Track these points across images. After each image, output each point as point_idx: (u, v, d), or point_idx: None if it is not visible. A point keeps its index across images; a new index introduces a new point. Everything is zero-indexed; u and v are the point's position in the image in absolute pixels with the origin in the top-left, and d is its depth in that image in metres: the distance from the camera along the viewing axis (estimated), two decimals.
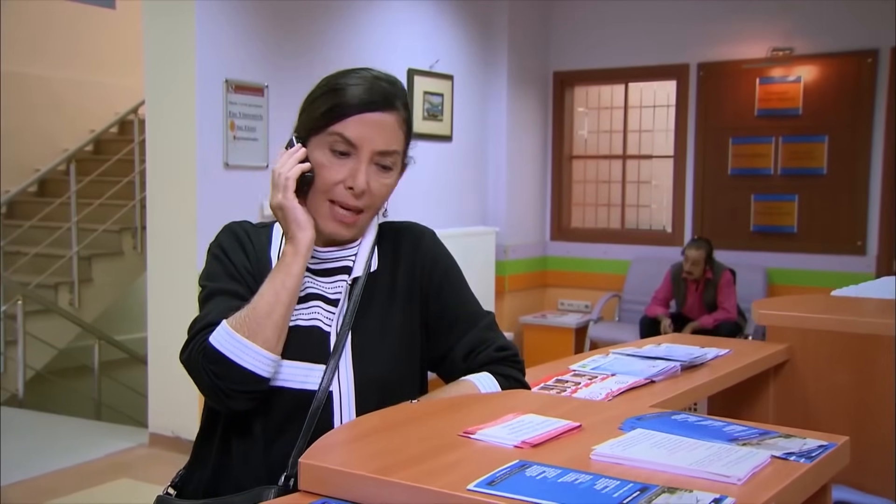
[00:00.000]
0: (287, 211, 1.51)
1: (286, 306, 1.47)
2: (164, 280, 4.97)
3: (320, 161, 1.52)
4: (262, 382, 1.44)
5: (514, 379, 1.60)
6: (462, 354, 1.59)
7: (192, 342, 1.48)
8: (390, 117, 1.53)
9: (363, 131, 1.50)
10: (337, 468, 1.16)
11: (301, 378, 1.49)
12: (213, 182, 4.87)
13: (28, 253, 6.63)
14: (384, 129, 1.52)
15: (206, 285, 1.55)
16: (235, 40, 4.98)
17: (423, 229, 1.69)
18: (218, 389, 1.44)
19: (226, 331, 1.44)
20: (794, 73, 6.59)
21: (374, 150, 1.51)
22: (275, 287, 1.47)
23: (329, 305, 1.56)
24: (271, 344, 1.44)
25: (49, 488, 4.38)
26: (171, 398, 4.94)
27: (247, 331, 1.43)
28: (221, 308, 1.49)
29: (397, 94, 1.56)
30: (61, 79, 7.70)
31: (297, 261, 1.49)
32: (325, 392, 1.48)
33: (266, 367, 1.44)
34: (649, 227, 7.65)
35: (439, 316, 1.61)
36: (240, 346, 1.42)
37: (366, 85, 1.53)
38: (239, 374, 1.42)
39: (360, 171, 1.50)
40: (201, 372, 1.44)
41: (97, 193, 6.87)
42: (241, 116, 4.98)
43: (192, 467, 1.60)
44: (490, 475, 1.11)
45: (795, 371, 2.47)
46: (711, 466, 1.15)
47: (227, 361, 1.42)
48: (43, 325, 6.26)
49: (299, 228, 1.50)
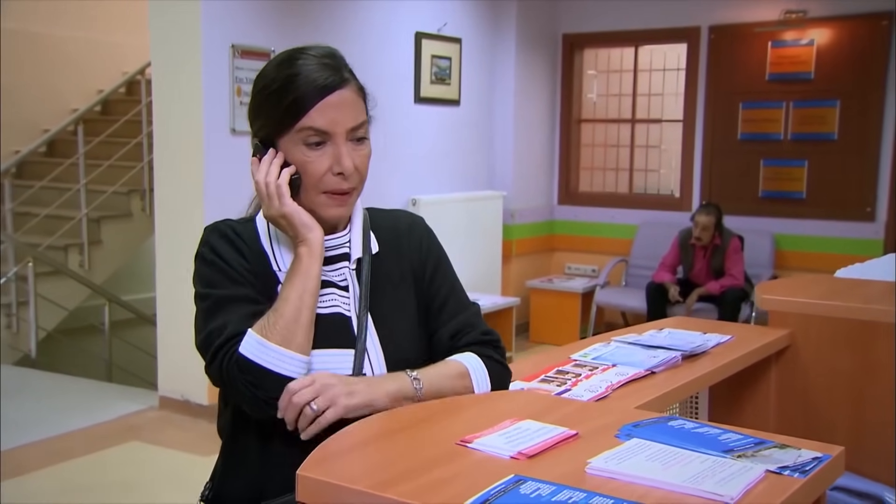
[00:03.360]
0: (291, 216, 1.51)
1: (311, 308, 1.48)
2: (172, 242, 5.01)
3: (300, 159, 1.51)
4: None
5: (496, 361, 1.62)
6: (449, 334, 1.62)
7: (219, 355, 1.46)
8: (347, 91, 1.52)
9: (330, 116, 1.49)
10: (334, 482, 1.18)
11: (333, 365, 1.51)
12: (220, 147, 4.87)
13: (38, 214, 6.66)
14: (347, 105, 1.51)
15: (211, 294, 1.52)
16: (241, 5, 4.94)
17: (417, 217, 1.74)
18: (258, 400, 1.44)
19: (256, 340, 1.44)
20: (807, 37, 6.50)
21: (346, 129, 1.51)
22: (297, 290, 1.47)
23: (342, 291, 1.58)
24: (304, 347, 1.46)
25: (61, 450, 4.46)
26: (180, 361, 4.99)
27: (279, 338, 1.43)
28: (239, 316, 1.48)
29: (342, 66, 1.54)
30: (69, 37, 7.66)
31: (313, 262, 1.50)
32: (359, 375, 1.51)
33: (301, 371, 1.45)
34: (657, 192, 7.62)
35: (431, 301, 1.65)
36: (274, 353, 1.43)
37: (313, 70, 1.50)
38: (277, 382, 1.43)
39: (343, 154, 1.50)
40: (238, 385, 1.44)
41: (106, 154, 6.87)
42: (247, 82, 4.96)
43: (224, 477, 1.60)
44: (484, 493, 1.13)
45: (797, 356, 2.47)
46: (705, 484, 1.17)
47: (263, 371, 1.42)
48: (53, 286, 6.31)
49: (309, 230, 1.51)
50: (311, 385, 1.41)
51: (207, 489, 1.62)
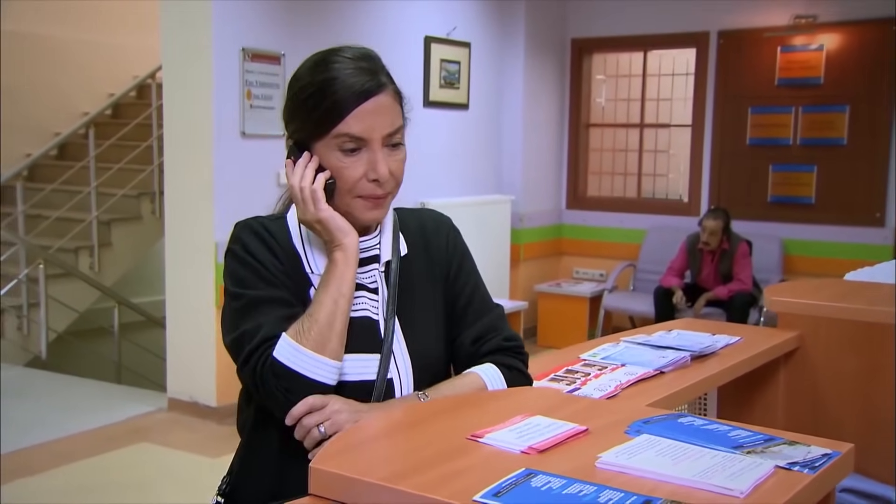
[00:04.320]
0: (327, 221, 1.50)
1: (345, 314, 1.47)
2: (182, 245, 5.02)
3: (335, 164, 1.51)
4: (329, 391, 1.46)
5: (517, 370, 1.62)
6: (471, 339, 1.62)
7: (253, 357, 1.46)
8: (384, 97, 1.50)
9: (367, 122, 1.48)
10: (347, 475, 1.19)
11: (360, 370, 1.51)
12: (230, 150, 4.89)
13: (49, 216, 6.70)
14: (384, 111, 1.50)
15: (244, 294, 1.50)
16: (252, 9, 4.97)
17: (443, 216, 1.74)
18: (292, 404, 1.44)
19: (291, 345, 1.44)
20: (817, 42, 6.50)
21: (382, 136, 1.50)
22: (332, 296, 1.47)
23: (372, 294, 1.57)
24: (338, 353, 1.46)
25: (70, 451, 4.47)
26: (189, 363, 5.00)
27: (313, 343, 1.44)
28: (273, 319, 1.48)
29: (379, 69, 1.52)
30: (80, 40, 7.70)
31: (349, 267, 1.49)
32: (384, 380, 1.51)
33: (334, 377, 1.46)
34: (665, 197, 7.62)
35: (455, 300, 1.64)
36: (309, 360, 1.43)
37: (349, 74, 1.48)
38: (311, 388, 1.44)
39: (378, 160, 1.49)
40: (273, 390, 1.44)
41: (116, 158, 6.90)
42: (257, 85, 4.99)
43: (242, 476, 1.60)
44: (496, 485, 1.14)
45: (806, 358, 2.48)
46: (715, 478, 1.17)
47: (298, 376, 1.43)
48: (64, 288, 6.34)
49: (345, 234, 1.50)
50: (322, 408, 1.42)
51: (225, 483, 1.63)
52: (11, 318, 6.21)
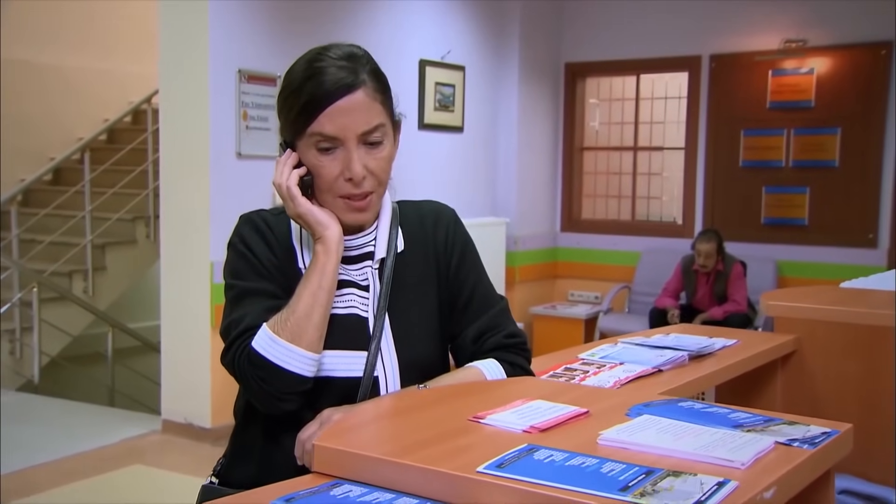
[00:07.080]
0: (306, 215, 1.50)
1: (325, 306, 1.47)
2: (177, 268, 5.02)
3: (313, 162, 1.50)
4: (306, 383, 1.46)
5: (519, 367, 1.62)
6: (473, 336, 1.61)
7: (234, 346, 1.47)
8: (358, 95, 1.47)
9: (338, 122, 1.46)
10: (350, 450, 1.19)
11: (345, 366, 1.51)
12: (226, 171, 4.91)
13: (43, 241, 6.69)
14: (357, 110, 1.47)
15: (235, 284, 1.53)
16: (249, 30, 5.01)
17: (444, 208, 1.71)
18: (268, 394, 1.45)
19: (268, 335, 1.44)
20: (807, 65, 6.58)
21: (357, 134, 1.48)
22: (311, 288, 1.47)
23: (362, 291, 1.57)
24: (315, 346, 1.46)
25: (64, 473, 4.44)
26: (183, 385, 4.98)
27: (289, 335, 1.43)
28: (257, 310, 1.49)
29: (358, 67, 1.49)
30: (75, 67, 7.74)
31: (330, 259, 1.49)
32: (370, 378, 1.51)
33: (311, 369, 1.45)
34: (660, 219, 7.66)
35: (456, 296, 1.62)
36: (284, 350, 1.43)
37: (323, 74, 1.47)
38: (286, 378, 1.43)
39: (353, 159, 1.47)
40: (249, 379, 1.45)
41: (111, 182, 6.91)
42: (253, 106, 5.02)
43: (233, 459, 1.62)
44: (499, 458, 1.14)
45: (803, 362, 2.48)
46: (716, 451, 1.18)
47: (273, 366, 1.43)
48: (58, 312, 6.32)
49: (324, 227, 1.50)
50: (318, 425, 1.43)
51: (219, 464, 1.64)
52: (4, 342, 6.18)
